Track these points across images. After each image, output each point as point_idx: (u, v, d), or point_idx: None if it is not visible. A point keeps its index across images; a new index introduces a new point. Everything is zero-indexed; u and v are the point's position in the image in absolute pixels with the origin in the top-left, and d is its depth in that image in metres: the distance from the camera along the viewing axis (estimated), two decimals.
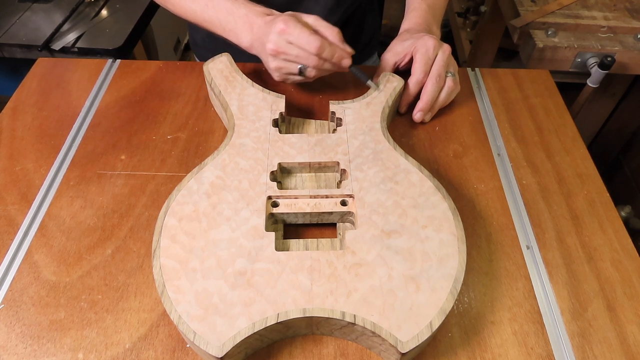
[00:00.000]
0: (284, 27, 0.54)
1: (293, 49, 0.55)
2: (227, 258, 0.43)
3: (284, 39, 0.55)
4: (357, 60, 0.88)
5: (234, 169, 0.50)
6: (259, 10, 0.59)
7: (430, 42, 0.59)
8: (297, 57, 0.55)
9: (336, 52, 0.56)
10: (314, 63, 0.56)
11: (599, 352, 0.43)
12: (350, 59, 0.57)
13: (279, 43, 0.55)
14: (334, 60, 0.56)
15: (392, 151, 0.52)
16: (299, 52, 0.55)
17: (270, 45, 0.55)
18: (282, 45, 0.55)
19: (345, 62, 0.57)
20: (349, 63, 0.57)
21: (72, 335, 0.43)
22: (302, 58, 0.55)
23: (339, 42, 0.57)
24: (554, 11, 1.07)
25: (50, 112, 0.63)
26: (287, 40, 0.55)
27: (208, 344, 0.38)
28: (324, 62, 0.56)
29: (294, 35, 0.54)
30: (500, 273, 0.48)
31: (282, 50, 0.55)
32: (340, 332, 0.42)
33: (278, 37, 0.55)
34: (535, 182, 0.56)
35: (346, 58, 0.57)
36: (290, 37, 0.54)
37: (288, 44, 0.55)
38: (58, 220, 0.51)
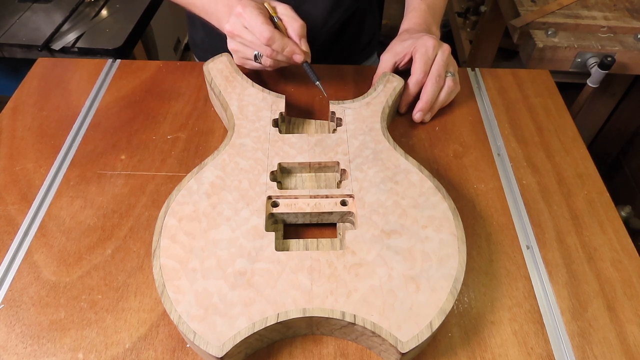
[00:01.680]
0: (240, 11, 0.55)
1: (247, 34, 0.56)
2: (227, 258, 0.43)
3: (239, 22, 0.56)
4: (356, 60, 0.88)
5: (234, 169, 0.50)
6: None
7: (429, 42, 0.59)
8: (251, 42, 0.57)
9: (287, 46, 0.56)
10: (266, 52, 0.56)
11: (599, 352, 0.43)
12: (302, 55, 0.57)
13: (235, 25, 0.56)
14: (285, 53, 0.56)
15: (392, 151, 0.52)
16: (252, 38, 0.56)
17: (227, 27, 0.57)
18: (237, 28, 0.56)
19: (297, 57, 0.57)
20: (300, 59, 0.57)
21: (72, 335, 0.43)
22: (255, 45, 0.57)
23: (296, 36, 0.57)
24: (554, 11, 1.07)
25: (50, 112, 0.63)
26: (242, 25, 0.56)
27: (208, 344, 0.38)
28: (276, 53, 0.56)
29: (248, 21, 0.55)
30: (500, 273, 0.48)
31: (237, 33, 0.57)
32: (340, 332, 0.42)
33: (235, 19, 0.56)
34: (535, 182, 0.56)
35: (298, 54, 0.57)
36: (245, 21, 0.56)
37: (243, 28, 0.56)
38: (58, 220, 0.51)
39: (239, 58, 0.60)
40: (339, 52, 0.82)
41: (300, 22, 0.57)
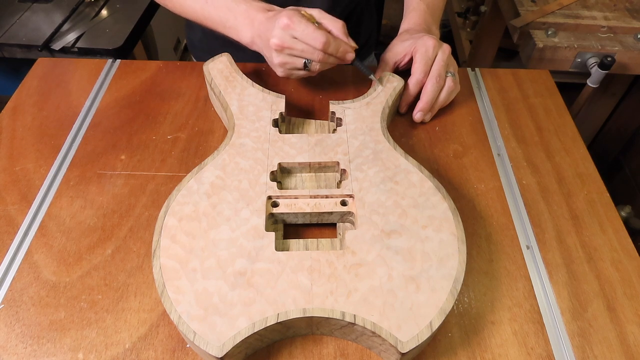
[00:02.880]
0: (288, 22, 0.53)
1: (298, 44, 0.55)
2: (227, 258, 0.43)
3: (288, 34, 0.54)
4: None
5: (234, 169, 0.50)
6: (259, 5, 0.59)
7: (429, 42, 0.59)
8: (303, 52, 0.55)
9: (341, 47, 0.55)
10: (320, 57, 0.55)
11: (599, 352, 0.43)
12: (353, 53, 0.57)
13: (283, 38, 0.54)
14: (339, 54, 0.56)
15: (392, 151, 0.52)
16: (304, 47, 0.55)
17: (274, 41, 0.54)
18: (286, 41, 0.54)
19: (350, 56, 0.57)
20: (352, 57, 0.57)
21: (72, 335, 0.43)
22: (307, 53, 0.55)
23: (343, 35, 0.56)
24: (554, 11, 1.07)
25: (50, 112, 0.63)
26: (291, 35, 0.54)
27: (208, 344, 0.38)
28: (329, 56, 0.56)
29: (299, 31, 0.54)
30: (500, 273, 0.48)
31: (287, 45, 0.55)
32: (340, 332, 0.42)
33: (282, 32, 0.54)
34: (535, 182, 0.56)
35: (350, 52, 0.56)
36: (295, 32, 0.54)
37: (293, 39, 0.54)
38: (58, 220, 0.51)
39: (285, 70, 0.58)
40: None
41: (341, 22, 0.56)
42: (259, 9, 0.59)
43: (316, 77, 0.69)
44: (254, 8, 0.59)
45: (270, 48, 0.55)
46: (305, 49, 0.55)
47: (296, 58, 0.56)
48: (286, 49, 0.55)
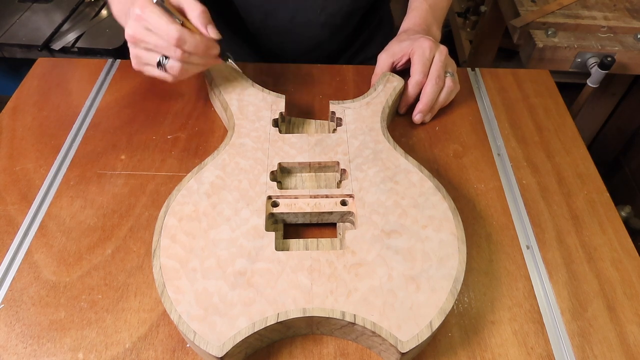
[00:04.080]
0: (139, 13, 0.50)
1: (151, 36, 0.50)
2: (227, 258, 0.43)
3: (140, 25, 0.50)
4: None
5: (234, 169, 0.50)
6: None
7: (426, 43, 0.59)
8: (156, 46, 0.51)
9: (201, 43, 0.51)
10: (178, 55, 0.50)
11: (599, 352, 0.43)
12: (217, 47, 0.52)
13: (136, 29, 0.50)
14: (199, 52, 0.51)
15: (392, 151, 0.52)
16: (157, 41, 0.50)
17: (127, 31, 0.51)
18: (138, 32, 0.50)
19: (213, 52, 0.52)
20: (216, 52, 0.53)
21: (72, 335, 0.43)
22: (161, 48, 0.51)
23: (202, 26, 0.51)
24: (554, 11, 1.07)
25: (50, 112, 0.63)
26: (144, 27, 0.50)
27: (208, 343, 0.38)
28: (189, 55, 0.51)
29: (152, 23, 0.49)
30: (500, 273, 0.48)
31: (140, 37, 0.51)
32: (340, 332, 0.42)
33: (136, 23, 0.50)
34: (535, 182, 0.56)
35: (213, 48, 0.52)
36: (148, 23, 0.50)
37: (146, 31, 0.50)
38: (58, 220, 0.51)
39: (139, 64, 0.53)
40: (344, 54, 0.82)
41: (201, 7, 0.51)
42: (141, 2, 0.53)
43: (316, 77, 0.69)
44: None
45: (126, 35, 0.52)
46: (159, 44, 0.50)
47: (151, 52, 0.52)
48: (140, 42, 0.51)
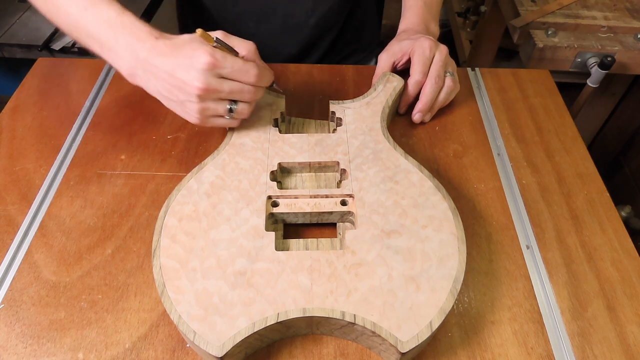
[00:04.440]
0: (212, 60, 0.45)
1: (225, 84, 0.47)
2: (227, 258, 0.43)
3: (214, 73, 0.46)
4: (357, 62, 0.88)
5: (234, 169, 0.50)
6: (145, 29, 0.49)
7: (426, 43, 0.59)
8: (231, 92, 0.48)
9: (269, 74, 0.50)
10: (250, 96, 0.48)
11: (599, 352, 0.43)
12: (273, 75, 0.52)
13: (209, 80, 0.46)
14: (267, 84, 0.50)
15: (392, 151, 0.52)
16: (232, 87, 0.47)
17: (197, 84, 0.45)
18: (212, 82, 0.46)
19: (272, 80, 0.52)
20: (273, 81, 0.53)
21: (72, 335, 0.43)
22: (236, 93, 0.48)
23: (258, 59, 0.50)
24: (554, 11, 1.07)
25: (50, 112, 0.63)
26: (218, 75, 0.46)
27: (208, 343, 0.38)
28: (259, 90, 0.49)
29: (228, 67, 0.46)
30: (500, 273, 0.48)
31: (214, 87, 0.46)
32: (340, 332, 0.42)
33: (207, 72, 0.45)
34: (535, 182, 0.56)
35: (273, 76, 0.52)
36: (224, 69, 0.46)
37: (219, 80, 0.46)
38: (58, 220, 0.51)
39: (205, 118, 0.49)
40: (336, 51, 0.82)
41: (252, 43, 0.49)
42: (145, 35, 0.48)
43: (316, 77, 0.69)
44: (139, 33, 0.48)
45: (188, 93, 0.47)
46: (234, 88, 0.47)
47: (221, 102, 0.48)
48: (213, 93, 0.47)
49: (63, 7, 0.51)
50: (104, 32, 0.49)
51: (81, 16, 0.50)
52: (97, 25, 0.50)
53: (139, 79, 0.50)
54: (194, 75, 0.45)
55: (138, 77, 0.50)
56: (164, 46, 0.47)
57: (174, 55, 0.47)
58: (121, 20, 0.49)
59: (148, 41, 0.48)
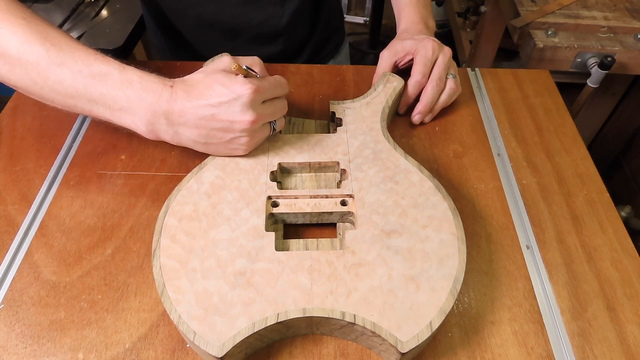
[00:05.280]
0: (255, 88, 0.44)
1: (268, 106, 0.47)
2: (227, 258, 0.43)
3: (258, 100, 0.46)
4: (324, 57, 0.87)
5: (234, 169, 0.50)
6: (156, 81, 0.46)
7: (430, 44, 0.59)
8: (274, 113, 0.48)
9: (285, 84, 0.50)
10: (285, 108, 0.49)
11: (599, 352, 0.43)
12: None
13: (257, 110, 0.45)
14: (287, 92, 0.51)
15: (392, 151, 0.52)
16: (274, 106, 0.48)
17: (248, 118, 0.45)
18: (260, 111, 0.46)
19: None
20: None
21: (72, 335, 0.43)
22: (278, 111, 0.49)
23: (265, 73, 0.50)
24: (554, 11, 1.07)
25: (50, 112, 0.63)
26: (261, 101, 0.46)
27: (208, 343, 0.38)
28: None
29: (267, 90, 0.46)
30: (500, 273, 0.48)
31: (262, 115, 0.46)
32: (340, 332, 0.42)
33: (253, 104, 0.45)
34: (535, 182, 0.56)
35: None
36: (265, 93, 0.46)
37: (263, 106, 0.47)
38: (58, 220, 0.51)
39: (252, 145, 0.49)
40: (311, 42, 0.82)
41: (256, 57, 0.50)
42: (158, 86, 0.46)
43: (316, 77, 0.69)
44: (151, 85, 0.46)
45: (238, 130, 0.46)
46: (276, 107, 0.48)
47: (266, 126, 0.49)
48: (260, 119, 0.46)
49: (52, 75, 0.46)
50: (108, 92, 0.46)
51: (77, 81, 0.45)
52: (99, 87, 0.46)
53: (163, 134, 0.47)
54: (242, 110, 0.44)
55: (162, 132, 0.47)
56: (185, 92, 0.45)
57: (205, 98, 0.44)
58: (126, 77, 0.46)
59: (164, 92, 0.45)
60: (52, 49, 0.45)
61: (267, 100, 0.48)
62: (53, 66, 0.45)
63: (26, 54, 0.45)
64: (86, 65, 0.46)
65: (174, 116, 0.46)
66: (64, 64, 0.45)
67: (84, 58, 0.46)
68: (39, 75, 0.46)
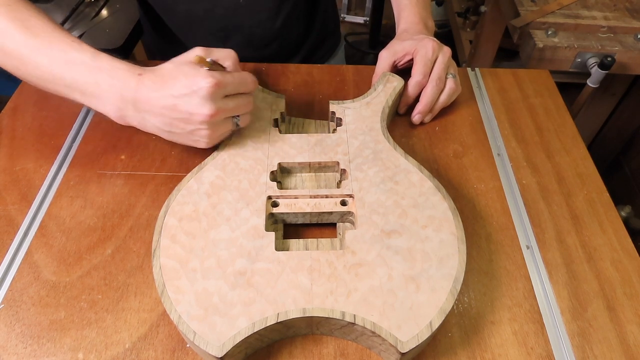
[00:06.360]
0: (215, 82, 0.44)
1: (230, 101, 0.47)
2: (227, 258, 0.43)
3: (219, 95, 0.46)
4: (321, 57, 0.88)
5: (234, 169, 0.50)
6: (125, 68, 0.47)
7: (430, 44, 0.59)
8: (237, 107, 0.48)
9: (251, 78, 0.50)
10: (250, 105, 0.49)
11: (599, 352, 0.43)
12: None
13: (217, 104, 0.45)
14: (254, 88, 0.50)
15: (392, 151, 0.52)
16: (237, 102, 0.48)
17: (205, 112, 0.45)
18: (220, 105, 0.46)
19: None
20: None
21: (72, 335, 0.43)
22: (241, 107, 0.48)
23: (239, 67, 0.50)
24: (554, 11, 1.07)
25: (50, 112, 0.63)
26: (222, 95, 0.46)
27: (208, 343, 0.38)
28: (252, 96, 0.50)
29: (229, 85, 0.46)
30: (500, 273, 0.48)
31: (222, 109, 0.46)
32: (340, 332, 0.42)
33: (212, 97, 0.45)
34: (535, 182, 0.56)
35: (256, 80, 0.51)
36: (227, 88, 0.46)
37: (224, 100, 0.47)
38: (58, 220, 0.51)
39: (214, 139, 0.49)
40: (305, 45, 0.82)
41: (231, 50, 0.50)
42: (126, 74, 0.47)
43: (316, 77, 0.69)
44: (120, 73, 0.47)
45: (197, 122, 0.46)
46: (239, 103, 0.47)
47: (228, 120, 0.48)
48: (221, 114, 0.46)
49: (31, 62, 0.48)
50: (82, 79, 0.47)
51: (53, 67, 0.47)
52: (74, 73, 0.47)
53: (130, 119, 0.49)
54: (200, 103, 0.45)
55: (129, 118, 0.48)
56: (151, 82, 0.46)
57: (168, 88, 0.45)
58: (98, 64, 0.47)
59: (132, 80, 0.46)
60: (30, 37, 0.47)
61: (230, 95, 0.47)
62: (31, 53, 0.47)
63: (6, 42, 0.48)
64: (62, 53, 0.47)
65: (140, 104, 0.47)
66: (40, 52, 0.47)
67: (60, 46, 0.47)
68: (20, 62, 0.48)
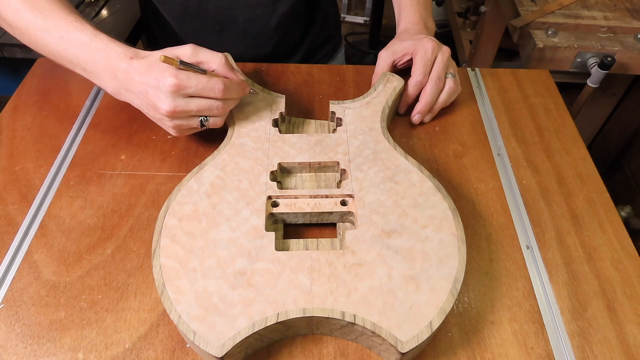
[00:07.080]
0: (177, 82, 0.47)
1: (192, 103, 0.49)
2: (227, 258, 0.43)
3: (180, 95, 0.48)
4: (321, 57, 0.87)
5: (234, 169, 0.50)
6: (119, 50, 0.50)
7: (429, 44, 0.59)
8: (200, 110, 0.49)
9: (237, 86, 0.51)
10: (219, 110, 0.50)
11: (599, 352, 0.43)
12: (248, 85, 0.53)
13: (176, 102, 0.48)
14: (240, 95, 0.52)
15: (392, 151, 0.52)
16: (200, 105, 0.49)
17: (165, 107, 0.48)
18: (180, 104, 0.48)
19: (247, 90, 0.53)
20: (249, 90, 0.54)
21: (72, 335, 0.43)
22: (205, 110, 0.49)
23: (229, 71, 0.51)
24: (554, 11, 1.07)
25: (50, 112, 0.63)
26: (185, 95, 0.48)
27: (208, 343, 0.38)
28: (230, 102, 0.51)
29: (192, 87, 0.47)
30: (500, 273, 0.48)
31: (181, 109, 0.48)
32: (340, 332, 0.42)
33: (173, 95, 0.47)
34: (535, 182, 0.56)
35: (248, 87, 0.53)
36: (188, 89, 0.47)
37: (186, 100, 0.48)
38: (58, 220, 0.51)
39: (181, 131, 0.52)
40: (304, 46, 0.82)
41: (222, 54, 0.51)
42: (119, 55, 0.50)
43: (316, 77, 0.69)
44: (114, 54, 0.50)
45: (160, 113, 0.49)
46: (202, 106, 0.49)
47: (192, 119, 0.50)
48: (181, 113, 0.49)
49: (40, 40, 0.53)
50: (82, 57, 0.52)
51: (58, 46, 0.52)
52: (76, 52, 0.52)
53: (123, 97, 0.53)
54: (162, 98, 0.48)
55: (123, 95, 0.52)
56: (138, 66, 0.49)
57: (145, 77, 0.48)
58: (95, 44, 0.51)
59: (123, 62, 0.50)
60: (39, 17, 0.52)
61: (195, 97, 0.49)
62: (40, 32, 0.53)
63: (18, 21, 0.53)
64: (65, 32, 0.52)
65: (127, 84, 0.50)
66: (47, 31, 0.52)
67: (64, 25, 0.52)
68: (30, 39, 0.54)
